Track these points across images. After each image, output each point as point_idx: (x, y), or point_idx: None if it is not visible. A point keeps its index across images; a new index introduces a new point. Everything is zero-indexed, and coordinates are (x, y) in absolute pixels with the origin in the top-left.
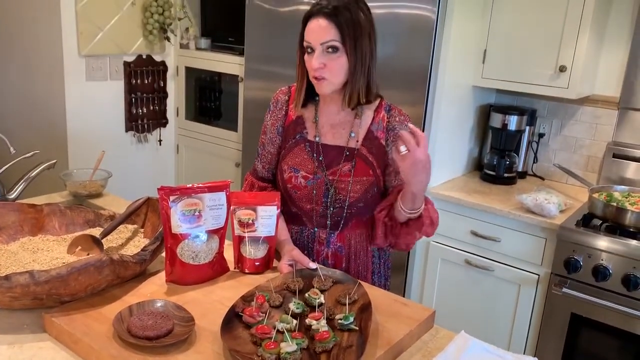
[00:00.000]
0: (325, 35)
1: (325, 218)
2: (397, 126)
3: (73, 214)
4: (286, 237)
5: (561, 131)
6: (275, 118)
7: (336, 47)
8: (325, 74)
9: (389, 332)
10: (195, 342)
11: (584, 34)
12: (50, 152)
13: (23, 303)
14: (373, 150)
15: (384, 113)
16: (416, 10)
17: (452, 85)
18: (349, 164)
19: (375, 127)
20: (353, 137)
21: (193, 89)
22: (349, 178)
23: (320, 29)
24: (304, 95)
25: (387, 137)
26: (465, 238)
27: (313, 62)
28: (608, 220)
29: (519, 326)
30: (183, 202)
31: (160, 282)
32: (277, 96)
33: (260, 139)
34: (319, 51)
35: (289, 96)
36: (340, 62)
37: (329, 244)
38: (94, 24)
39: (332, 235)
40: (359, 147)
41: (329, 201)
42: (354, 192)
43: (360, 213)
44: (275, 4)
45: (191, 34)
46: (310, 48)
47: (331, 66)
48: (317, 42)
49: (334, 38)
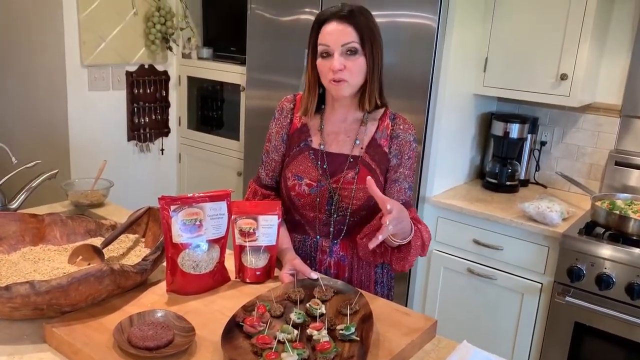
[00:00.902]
0: (345, 37)
1: (328, 226)
2: (400, 134)
3: (74, 223)
4: (288, 246)
5: (563, 139)
6: (280, 126)
7: (356, 49)
8: (345, 75)
9: (390, 342)
10: (196, 353)
11: (585, 41)
12: (52, 162)
13: (23, 313)
14: (376, 157)
15: (388, 121)
16: (417, 19)
17: (453, 94)
18: (352, 172)
19: (379, 135)
20: (358, 144)
21: (195, 99)
22: (352, 185)
23: (339, 31)
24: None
25: (390, 144)
26: (468, 246)
27: (334, 63)
28: (611, 229)
29: (522, 335)
30: (184, 211)
31: (161, 291)
32: (283, 104)
33: (265, 147)
34: (339, 53)
35: (294, 104)
36: (360, 63)
37: (331, 253)
38: (97, 34)
39: (334, 244)
40: (362, 155)
41: (332, 209)
42: (357, 199)
43: (363, 221)
44: (276, 14)
45: (193, 43)
46: (327, 52)
47: (351, 67)
48: (336, 44)
49: (354, 40)
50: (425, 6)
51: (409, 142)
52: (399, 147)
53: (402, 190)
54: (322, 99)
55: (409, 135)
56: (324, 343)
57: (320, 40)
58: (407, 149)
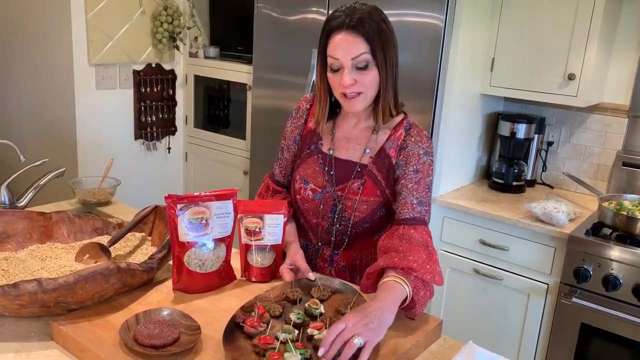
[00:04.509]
0: (355, 49)
1: (330, 235)
2: (409, 145)
3: (81, 221)
4: (294, 239)
5: (570, 139)
6: (295, 125)
7: (367, 62)
8: (357, 89)
9: (395, 342)
10: (202, 351)
11: (593, 41)
12: (60, 160)
13: (31, 311)
14: (382, 169)
15: (402, 131)
16: (424, 19)
17: (460, 94)
18: (358, 182)
19: (389, 144)
20: (367, 153)
21: (202, 97)
22: (357, 196)
23: (348, 43)
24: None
25: (398, 155)
26: (474, 247)
27: (345, 79)
28: (618, 229)
29: (528, 336)
30: (190, 210)
31: (167, 290)
32: (300, 103)
33: (281, 144)
34: (349, 67)
35: (311, 105)
36: (372, 75)
37: (332, 263)
38: (104, 33)
39: (335, 254)
40: (369, 165)
41: (335, 217)
42: (359, 211)
43: (366, 233)
44: (283, 13)
45: (200, 42)
46: (337, 66)
47: (363, 81)
48: (346, 57)
49: (364, 51)
50: (432, 6)
51: (417, 154)
52: (405, 159)
53: (407, 205)
54: (337, 103)
55: (419, 148)
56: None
57: (329, 52)
58: (413, 160)
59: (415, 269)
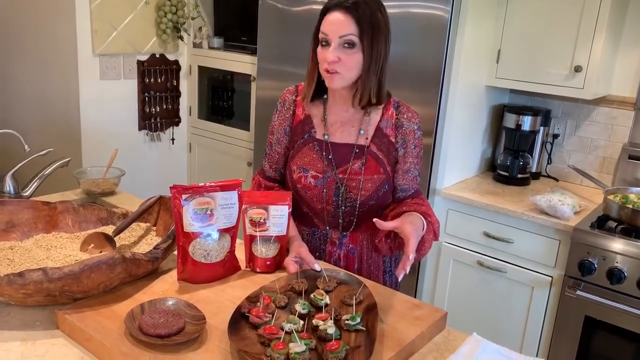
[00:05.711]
0: (344, 28)
1: (337, 218)
2: (404, 123)
3: (86, 211)
4: (295, 234)
5: (576, 132)
6: (282, 118)
7: (353, 43)
8: (338, 67)
9: (399, 333)
10: (206, 341)
11: (600, 33)
12: (64, 150)
13: (36, 300)
14: (383, 147)
15: (392, 110)
16: (430, 10)
17: (465, 85)
18: (359, 162)
19: (384, 124)
20: (362, 134)
21: (206, 88)
22: (360, 176)
23: (339, 22)
24: (314, 91)
25: (396, 134)
26: (478, 239)
27: (329, 54)
28: (623, 222)
29: (531, 329)
30: (195, 200)
31: (172, 280)
32: (285, 96)
33: (268, 139)
34: (336, 44)
35: (297, 95)
36: (356, 58)
37: (341, 246)
38: (108, 23)
39: (344, 236)
40: (368, 145)
41: (340, 200)
42: (365, 190)
43: (372, 211)
44: (288, 4)
45: (204, 33)
46: (325, 41)
47: (346, 61)
48: (334, 35)
49: (352, 32)
50: None
51: (412, 130)
52: (404, 137)
53: (414, 179)
54: (325, 87)
55: (413, 124)
56: (334, 343)
57: (321, 28)
58: (411, 137)
59: (430, 215)
